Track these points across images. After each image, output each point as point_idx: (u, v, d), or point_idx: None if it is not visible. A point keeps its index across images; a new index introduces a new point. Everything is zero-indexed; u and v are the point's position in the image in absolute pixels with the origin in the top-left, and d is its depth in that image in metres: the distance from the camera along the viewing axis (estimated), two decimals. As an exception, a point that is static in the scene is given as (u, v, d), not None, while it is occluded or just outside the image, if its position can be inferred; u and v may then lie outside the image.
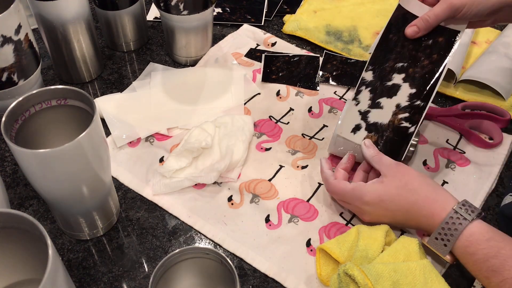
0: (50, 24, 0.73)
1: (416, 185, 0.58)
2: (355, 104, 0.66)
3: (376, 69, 0.66)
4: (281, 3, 0.99)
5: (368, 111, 0.65)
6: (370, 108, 0.65)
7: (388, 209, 0.59)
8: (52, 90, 0.54)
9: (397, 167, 0.60)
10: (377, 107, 0.65)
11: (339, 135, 0.66)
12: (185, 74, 0.84)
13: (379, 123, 0.65)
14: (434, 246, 0.56)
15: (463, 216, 0.54)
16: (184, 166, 0.68)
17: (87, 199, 0.56)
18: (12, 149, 0.48)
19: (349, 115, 0.66)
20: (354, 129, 0.65)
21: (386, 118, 0.65)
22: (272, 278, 0.60)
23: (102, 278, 0.60)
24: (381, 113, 0.65)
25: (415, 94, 0.64)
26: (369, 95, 0.66)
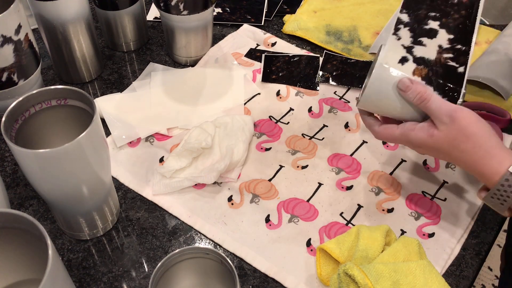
0: (50, 24, 0.73)
1: (469, 147, 0.54)
2: (397, 39, 0.60)
3: (411, 13, 0.62)
4: (281, 3, 0.99)
5: (412, 46, 0.59)
6: (413, 44, 0.60)
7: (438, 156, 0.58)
8: (52, 90, 0.54)
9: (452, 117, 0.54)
10: (420, 45, 0.59)
11: (383, 64, 0.58)
12: (185, 74, 0.84)
13: (426, 58, 0.59)
14: (491, 203, 0.55)
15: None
16: (184, 166, 0.68)
17: (87, 199, 0.56)
18: (12, 149, 0.48)
19: (392, 48, 0.60)
20: (401, 60, 0.59)
21: (432, 55, 0.59)
22: (272, 278, 0.60)
23: (102, 278, 0.60)
24: (426, 50, 0.59)
25: (454, 39, 0.60)
26: (409, 33, 0.60)
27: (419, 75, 0.58)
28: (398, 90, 0.57)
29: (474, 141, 0.54)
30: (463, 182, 0.70)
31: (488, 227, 0.65)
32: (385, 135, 0.60)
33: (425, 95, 0.55)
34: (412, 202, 0.67)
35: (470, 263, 0.62)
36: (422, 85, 0.56)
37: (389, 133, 0.59)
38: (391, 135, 0.59)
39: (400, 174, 0.70)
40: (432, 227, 0.65)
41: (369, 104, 0.60)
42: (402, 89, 0.56)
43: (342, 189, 0.69)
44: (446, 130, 0.55)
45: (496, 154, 0.53)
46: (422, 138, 0.56)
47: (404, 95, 0.57)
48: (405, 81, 0.56)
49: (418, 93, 0.55)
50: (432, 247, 0.63)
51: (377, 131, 0.61)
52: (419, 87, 0.56)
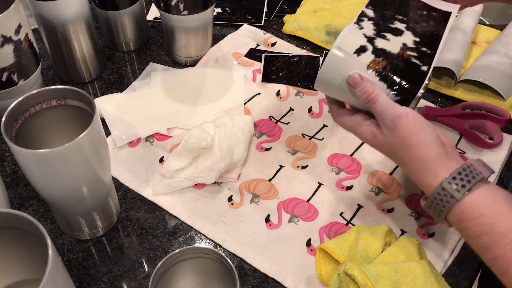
0: (50, 24, 0.73)
1: (406, 157, 0.54)
2: (358, 28, 0.57)
3: (377, 11, 0.60)
4: (281, 3, 0.99)
5: (374, 37, 0.57)
6: (375, 36, 0.57)
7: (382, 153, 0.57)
8: (52, 90, 0.54)
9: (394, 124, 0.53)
10: (383, 38, 0.57)
11: (340, 47, 0.55)
12: (185, 74, 0.84)
13: (388, 50, 0.56)
14: (429, 212, 0.54)
15: (450, 193, 0.51)
16: (184, 166, 0.68)
17: (87, 199, 0.56)
18: (12, 149, 0.48)
19: (352, 35, 0.56)
20: (358, 50, 0.56)
21: (395, 49, 0.56)
22: (272, 278, 0.60)
23: (102, 278, 0.60)
24: (388, 44, 0.56)
25: (420, 42, 0.58)
26: (372, 26, 0.58)
27: (374, 69, 0.55)
28: (347, 84, 0.55)
29: (411, 152, 0.53)
30: (463, 182, 0.69)
31: (488, 227, 0.65)
32: (338, 121, 0.60)
33: (372, 95, 0.54)
34: (412, 202, 0.67)
35: (470, 263, 0.62)
36: (372, 84, 0.54)
37: (341, 121, 0.59)
38: (342, 124, 0.59)
39: (400, 174, 0.70)
40: (432, 227, 0.65)
41: (322, 89, 0.59)
42: (351, 84, 0.55)
43: (342, 189, 0.69)
44: (387, 136, 0.54)
45: (432, 168, 0.52)
46: (366, 137, 0.56)
47: (352, 90, 0.55)
48: (355, 77, 0.55)
49: (366, 92, 0.54)
50: (432, 247, 0.63)
51: (333, 114, 0.60)
52: (367, 85, 0.54)
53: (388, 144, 0.54)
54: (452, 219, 0.52)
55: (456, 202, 0.50)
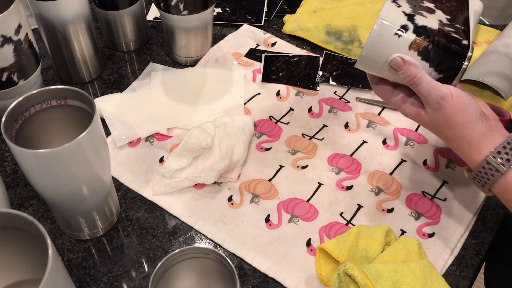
0: (50, 24, 0.73)
1: (451, 135, 0.56)
2: (397, 6, 0.56)
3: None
4: (281, 3, 0.99)
5: (413, 14, 0.56)
6: (414, 13, 0.56)
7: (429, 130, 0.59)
8: (52, 90, 0.54)
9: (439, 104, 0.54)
10: (421, 15, 0.56)
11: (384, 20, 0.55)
12: (185, 74, 0.84)
13: (429, 27, 0.55)
14: (474, 183, 0.57)
15: (495, 167, 0.53)
16: (184, 166, 0.68)
17: (87, 199, 0.56)
18: (12, 149, 0.48)
19: (392, 13, 0.56)
20: (401, 28, 0.55)
21: (434, 25, 0.55)
22: (272, 278, 0.60)
23: (102, 278, 0.60)
24: (427, 21, 0.56)
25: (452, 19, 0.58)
26: (408, 5, 0.57)
27: (416, 49, 0.55)
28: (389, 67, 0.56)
29: (456, 131, 0.55)
30: (463, 182, 0.69)
31: (488, 227, 0.65)
32: (380, 95, 0.61)
33: (415, 79, 0.54)
34: (412, 202, 0.67)
35: (470, 263, 0.62)
36: (414, 67, 0.54)
37: (384, 95, 0.60)
38: (385, 98, 0.60)
39: (400, 174, 0.70)
40: (432, 227, 0.65)
41: (363, 67, 0.59)
42: (394, 68, 0.55)
43: (342, 189, 0.69)
44: (432, 115, 0.56)
45: (477, 145, 0.55)
46: (410, 114, 0.58)
47: (395, 73, 0.56)
48: (397, 61, 0.55)
49: (409, 75, 0.55)
50: (432, 247, 0.63)
51: (375, 87, 0.61)
52: (410, 68, 0.54)
53: (433, 122, 0.56)
54: (497, 191, 0.54)
55: (500, 175, 0.53)
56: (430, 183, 0.69)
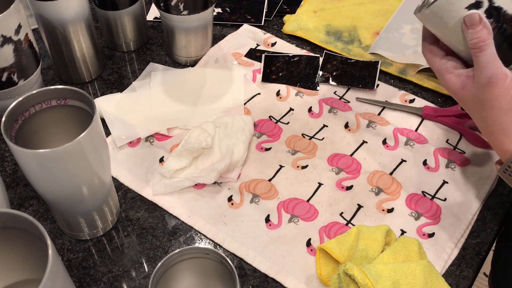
0: (50, 24, 0.73)
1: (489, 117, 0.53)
2: None
3: None
4: (281, 3, 0.99)
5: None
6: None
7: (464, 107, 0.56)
8: (52, 90, 0.54)
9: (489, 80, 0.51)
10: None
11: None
12: (185, 74, 0.84)
13: (504, 10, 0.52)
14: (503, 177, 0.55)
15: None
16: (184, 166, 0.68)
17: (87, 199, 0.56)
18: (12, 149, 0.48)
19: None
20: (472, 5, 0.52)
21: (511, 9, 0.52)
22: (272, 278, 0.60)
23: (102, 278, 0.60)
24: (506, 1, 0.52)
25: None
26: None
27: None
28: (463, 22, 0.52)
29: (495, 114, 0.52)
30: (463, 182, 0.70)
31: (488, 227, 0.65)
32: (428, 57, 0.58)
33: (481, 43, 0.51)
34: (412, 202, 0.67)
35: (470, 263, 0.62)
36: (487, 32, 0.51)
37: (431, 58, 0.57)
38: (431, 63, 0.57)
39: (400, 174, 0.70)
40: (432, 227, 0.65)
41: (427, 19, 0.55)
42: (467, 23, 0.51)
43: (342, 189, 0.69)
44: (478, 90, 0.52)
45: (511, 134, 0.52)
46: (454, 86, 0.55)
47: (464, 30, 0.52)
48: (475, 17, 0.51)
49: (478, 38, 0.51)
50: (432, 247, 0.63)
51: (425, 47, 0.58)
52: (483, 31, 0.51)
53: (476, 99, 0.53)
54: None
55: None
56: (430, 183, 0.69)
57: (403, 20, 0.94)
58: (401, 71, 0.85)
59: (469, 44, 0.52)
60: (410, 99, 0.81)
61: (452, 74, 0.55)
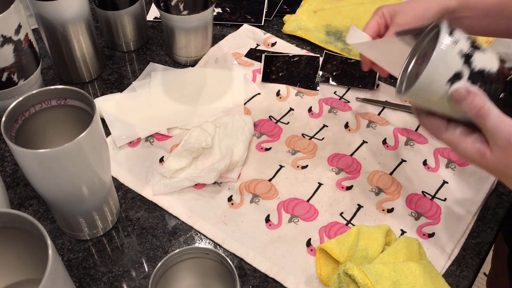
0: (50, 24, 0.73)
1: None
2: (454, 42, 0.46)
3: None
4: (281, 3, 0.99)
5: (470, 54, 0.46)
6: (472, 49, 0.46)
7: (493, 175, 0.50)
8: (52, 90, 0.54)
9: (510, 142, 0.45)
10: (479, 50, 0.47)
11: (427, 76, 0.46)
12: (185, 74, 0.84)
13: (487, 70, 0.46)
14: None
15: None
16: (184, 166, 0.68)
17: (87, 199, 0.56)
18: (12, 149, 0.48)
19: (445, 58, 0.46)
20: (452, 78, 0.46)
21: (493, 65, 0.47)
22: (272, 278, 0.60)
23: (102, 278, 0.60)
24: (486, 58, 0.47)
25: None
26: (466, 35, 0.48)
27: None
28: (450, 99, 0.47)
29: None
30: (463, 182, 0.69)
31: (488, 227, 0.65)
32: (430, 129, 0.51)
33: (482, 110, 0.46)
34: (412, 202, 0.67)
35: (470, 263, 0.62)
36: (481, 97, 0.46)
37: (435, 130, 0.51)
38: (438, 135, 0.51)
39: (400, 174, 0.70)
40: (432, 227, 0.65)
41: (414, 99, 0.50)
42: (455, 100, 0.46)
43: (342, 189, 0.69)
44: (500, 155, 0.46)
45: None
46: (471, 155, 0.48)
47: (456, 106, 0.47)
48: (461, 92, 0.46)
49: (475, 107, 0.46)
50: (432, 247, 0.63)
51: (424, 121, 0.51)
52: (476, 99, 0.46)
53: (501, 164, 0.47)
54: None
55: None
56: (430, 183, 0.69)
57: (403, 20, 0.94)
58: (401, 71, 0.84)
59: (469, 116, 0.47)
60: (410, 99, 0.81)
61: (467, 143, 0.48)
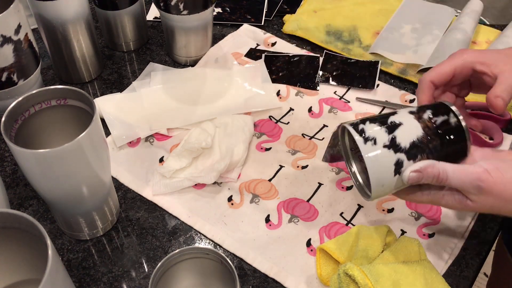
0: (50, 24, 0.73)
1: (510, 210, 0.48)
2: (369, 140, 0.49)
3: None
4: (281, 3, 0.99)
5: (393, 138, 0.49)
6: (389, 132, 0.50)
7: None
8: (52, 90, 0.54)
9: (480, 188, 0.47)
10: (393, 127, 0.50)
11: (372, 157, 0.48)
12: (185, 74, 0.84)
13: (416, 139, 0.49)
14: None
15: None
16: (184, 166, 0.68)
17: (87, 199, 0.56)
18: (12, 149, 0.48)
19: (376, 160, 0.49)
20: (397, 169, 0.49)
21: (417, 129, 0.50)
22: (272, 278, 0.60)
23: (102, 278, 0.60)
24: (406, 129, 0.50)
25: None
26: (367, 123, 0.51)
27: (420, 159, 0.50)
28: (409, 184, 0.50)
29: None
30: (463, 182, 0.69)
31: (488, 227, 0.65)
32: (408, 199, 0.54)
33: (439, 177, 0.48)
34: (412, 202, 0.67)
35: (470, 263, 0.62)
36: (432, 167, 0.49)
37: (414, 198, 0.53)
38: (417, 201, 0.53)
39: (400, 174, 0.70)
40: (432, 227, 0.65)
41: (382, 196, 0.53)
42: (414, 182, 0.49)
43: (342, 189, 0.69)
44: (478, 201, 0.48)
45: None
46: (455, 206, 0.50)
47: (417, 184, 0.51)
48: (413, 176, 0.49)
49: (433, 178, 0.49)
50: (432, 247, 0.63)
51: (400, 197, 0.55)
52: (428, 171, 0.48)
53: (485, 207, 0.49)
54: None
55: None
56: (430, 183, 0.69)
57: (403, 20, 0.94)
58: (401, 71, 0.84)
59: (433, 184, 0.50)
60: (410, 99, 0.81)
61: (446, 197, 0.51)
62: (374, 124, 0.50)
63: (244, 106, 0.79)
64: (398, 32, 0.91)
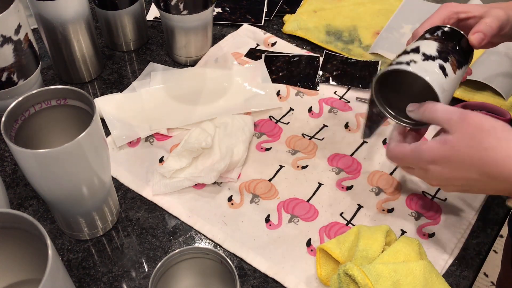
0: (50, 24, 0.73)
1: (492, 142, 0.47)
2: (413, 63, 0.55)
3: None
4: (281, 3, 0.99)
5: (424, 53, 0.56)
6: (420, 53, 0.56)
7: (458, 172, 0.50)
8: (52, 90, 0.54)
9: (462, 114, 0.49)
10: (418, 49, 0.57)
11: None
12: (185, 74, 0.84)
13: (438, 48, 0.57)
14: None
15: None
16: (184, 166, 0.68)
17: (87, 199, 0.56)
18: (12, 149, 0.48)
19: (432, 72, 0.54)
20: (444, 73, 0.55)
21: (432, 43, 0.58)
22: (272, 278, 0.60)
23: (102, 278, 0.60)
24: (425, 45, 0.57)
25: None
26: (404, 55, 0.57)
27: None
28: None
29: (495, 135, 0.47)
30: (463, 182, 0.69)
31: (488, 227, 0.65)
32: (395, 153, 0.56)
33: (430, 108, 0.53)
34: (412, 202, 0.67)
35: (470, 263, 0.62)
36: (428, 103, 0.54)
37: (400, 150, 0.56)
38: (401, 152, 0.55)
39: (400, 174, 0.70)
40: (432, 227, 0.65)
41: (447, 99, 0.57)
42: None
43: (342, 189, 0.69)
44: (460, 131, 0.49)
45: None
46: (435, 149, 0.51)
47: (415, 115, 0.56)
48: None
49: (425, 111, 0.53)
50: (432, 247, 0.63)
51: (389, 148, 0.57)
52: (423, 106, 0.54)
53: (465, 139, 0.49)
54: None
55: None
56: (430, 183, 0.69)
57: (403, 20, 0.94)
58: (401, 71, 0.84)
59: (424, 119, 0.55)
60: (410, 99, 0.81)
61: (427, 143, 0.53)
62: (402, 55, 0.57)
63: (244, 106, 0.79)
64: (398, 32, 0.91)
